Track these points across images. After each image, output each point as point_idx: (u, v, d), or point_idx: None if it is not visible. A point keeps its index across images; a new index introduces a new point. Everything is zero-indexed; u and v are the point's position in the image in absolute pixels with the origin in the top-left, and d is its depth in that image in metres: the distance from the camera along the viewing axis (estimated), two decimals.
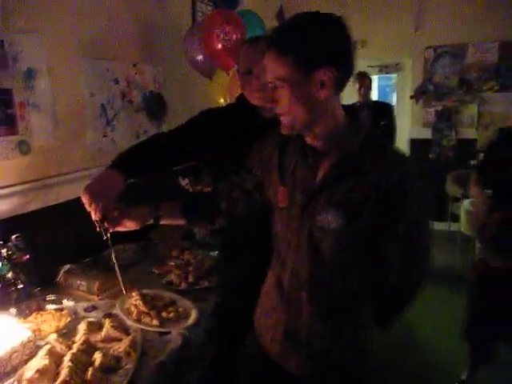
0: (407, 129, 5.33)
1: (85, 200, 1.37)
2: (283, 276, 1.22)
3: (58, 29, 1.98)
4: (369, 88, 4.27)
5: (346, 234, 1.07)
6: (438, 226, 4.72)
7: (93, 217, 1.35)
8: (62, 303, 1.69)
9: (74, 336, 1.47)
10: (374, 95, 5.51)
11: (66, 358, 1.29)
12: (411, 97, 5.24)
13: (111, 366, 1.31)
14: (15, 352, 1.33)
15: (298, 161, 1.14)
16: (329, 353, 1.19)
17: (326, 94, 0.99)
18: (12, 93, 1.77)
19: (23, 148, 1.83)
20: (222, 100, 2.68)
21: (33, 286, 1.73)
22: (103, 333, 1.47)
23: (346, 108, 1.10)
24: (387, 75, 5.84)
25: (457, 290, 2.82)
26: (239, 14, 2.76)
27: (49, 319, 1.58)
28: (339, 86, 1.02)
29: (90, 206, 1.34)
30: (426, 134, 5.17)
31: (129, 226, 1.36)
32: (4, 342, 1.33)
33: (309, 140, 1.10)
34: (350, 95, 4.65)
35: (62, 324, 1.55)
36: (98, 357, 1.32)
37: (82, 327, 1.50)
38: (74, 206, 2.03)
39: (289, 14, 4.92)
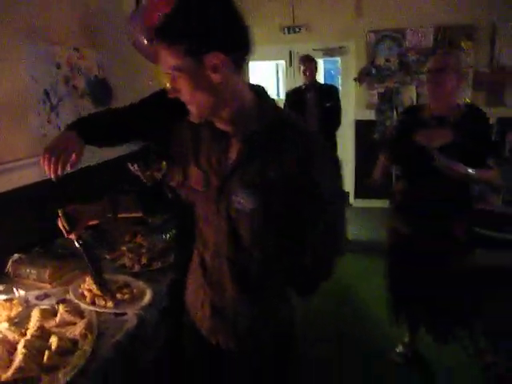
0: (352, 110, 5.52)
1: (44, 161, 1.40)
2: (206, 255, 1.26)
3: None
4: (314, 71, 4.36)
5: (260, 215, 1.08)
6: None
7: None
8: (12, 292, 1.67)
9: (27, 324, 1.47)
10: (320, 78, 5.64)
11: (20, 345, 1.30)
12: (355, 79, 5.42)
13: (68, 349, 1.34)
14: None
15: (211, 145, 1.16)
16: (252, 330, 1.24)
17: (221, 78, 0.97)
18: None
19: None
20: (168, 84, 2.67)
21: None
22: (58, 318, 1.49)
23: (256, 89, 1.11)
24: (332, 58, 5.99)
25: None
26: None
27: None
28: (236, 66, 1.01)
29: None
30: (370, 115, 5.37)
31: (89, 224, 1.39)
32: None
33: (218, 124, 1.11)
34: (296, 78, 4.75)
35: (13, 313, 1.55)
36: (53, 341, 1.34)
37: (35, 314, 1.50)
38: (22, 195, 2.00)
39: None
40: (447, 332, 2.41)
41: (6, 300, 1.61)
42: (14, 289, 1.68)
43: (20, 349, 1.28)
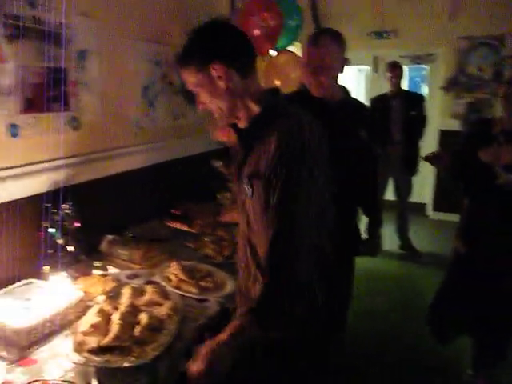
0: (437, 120, 5.29)
1: None
2: (238, 238, 1.40)
3: (107, 13, 2.08)
4: (399, 78, 4.26)
5: (254, 204, 1.18)
6: None
7: None
8: (107, 270, 1.82)
9: (119, 299, 1.59)
10: (405, 86, 5.47)
11: (116, 317, 1.42)
12: (442, 87, 5.20)
13: (155, 327, 1.43)
14: (70, 309, 1.47)
15: (237, 143, 1.32)
16: None
17: (225, 84, 1.16)
18: (66, 72, 1.89)
19: (74, 123, 1.95)
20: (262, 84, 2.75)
21: (80, 252, 1.86)
22: (146, 297, 1.60)
23: (268, 92, 1.26)
24: (417, 66, 5.79)
25: None
26: (277, 1, 2.81)
27: (95, 283, 1.71)
28: (241, 73, 1.18)
29: None
30: (455, 125, 5.13)
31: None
32: (60, 299, 1.47)
33: (239, 124, 1.26)
34: (383, 84, 4.66)
35: (107, 288, 1.69)
36: (143, 317, 1.44)
37: (126, 291, 1.62)
38: (119, 181, 2.17)
39: (322, 1, 4.93)
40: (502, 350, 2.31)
41: (101, 275, 1.76)
42: (109, 266, 1.83)
43: (116, 320, 1.39)
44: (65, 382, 1.14)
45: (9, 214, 1.70)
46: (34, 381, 1.15)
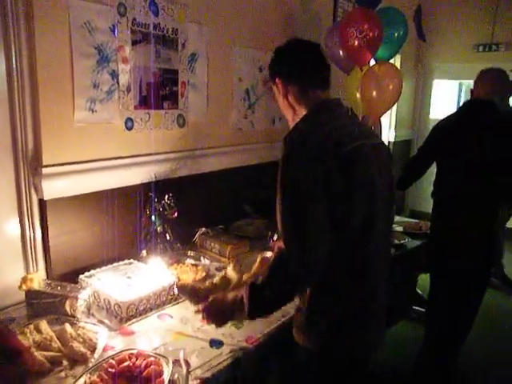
0: None
1: None
2: None
3: (216, 21, 2.22)
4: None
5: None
6: None
7: None
8: (200, 260, 1.93)
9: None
10: None
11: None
12: None
13: None
14: (163, 291, 1.57)
15: None
16: (294, 324, 1.34)
17: (284, 96, 1.33)
18: (178, 73, 2.04)
19: (180, 121, 2.10)
20: (357, 95, 2.75)
21: (176, 240, 1.99)
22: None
23: (320, 103, 1.29)
24: None
25: None
26: (381, 10, 2.78)
27: (187, 271, 1.82)
28: (299, 87, 1.30)
29: None
30: None
31: None
32: (155, 281, 1.59)
33: None
34: None
35: (197, 277, 1.78)
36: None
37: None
38: (213, 178, 2.29)
39: (427, 12, 4.76)
40: None
41: (193, 265, 1.86)
42: (202, 257, 1.93)
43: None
44: (157, 354, 1.23)
45: (116, 199, 1.88)
46: (131, 348, 1.26)
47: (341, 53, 2.76)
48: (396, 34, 2.82)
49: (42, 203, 1.64)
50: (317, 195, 1.10)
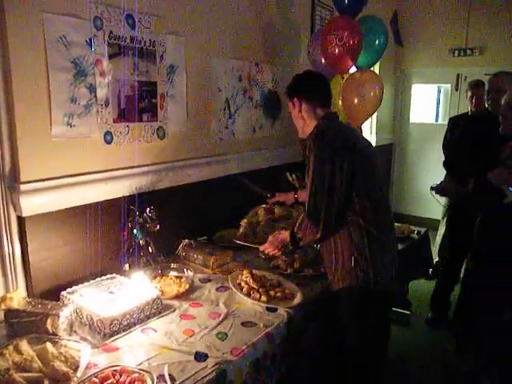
0: None
1: None
2: None
3: (194, 32, 2.23)
4: (483, 98, 4.01)
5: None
6: None
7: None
8: (183, 272, 1.91)
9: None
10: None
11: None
12: None
13: None
14: (147, 305, 1.56)
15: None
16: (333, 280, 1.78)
17: (298, 111, 1.78)
18: (157, 85, 2.04)
19: (160, 133, 2.10)
20: (339, 102, 2.77)
21: (159, 254, 1.98)
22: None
23: (326, 116, 1.76)
24: None
25: None
26: (361, 19, 2.82)
27: (170, 283, 1.80)
28: (311, 106, 1.75)
29: None
30: None
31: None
32: (138, 295, 1.57)
33: (307, 141, 1.75)
34: (462, 103, 4.45)
35: (181, 289, 1.77)
36: None
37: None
38: (195, 189, 2.28)
39: (403, 18, 4.86)
40: None
41: (177, 277, 1.85)
42: (185, 269, 1.92)
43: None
44: (141, 370, 1.21)
45: (97, 213, 1.86)
46: (114, 365, 1.24)
47: (322, 60, 2.79)
48: (377, 42, 2.86)
49: (21, 220, 1.61)
50: (335, 171, 1.58)
